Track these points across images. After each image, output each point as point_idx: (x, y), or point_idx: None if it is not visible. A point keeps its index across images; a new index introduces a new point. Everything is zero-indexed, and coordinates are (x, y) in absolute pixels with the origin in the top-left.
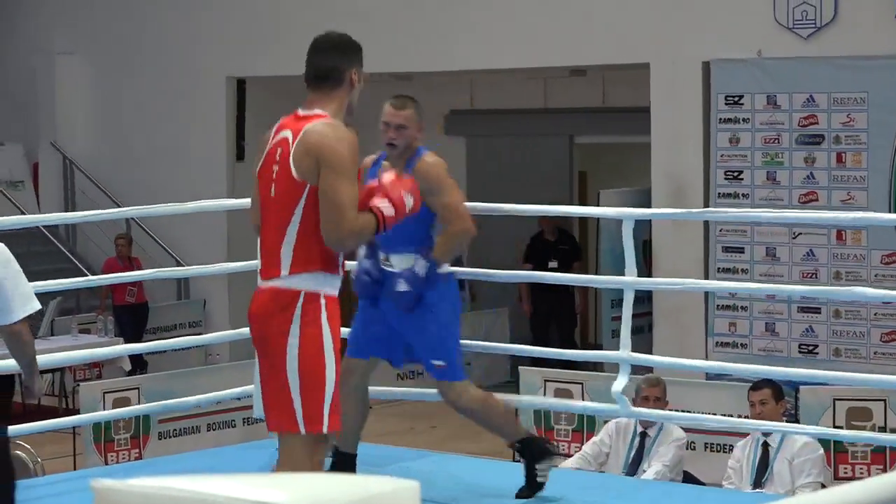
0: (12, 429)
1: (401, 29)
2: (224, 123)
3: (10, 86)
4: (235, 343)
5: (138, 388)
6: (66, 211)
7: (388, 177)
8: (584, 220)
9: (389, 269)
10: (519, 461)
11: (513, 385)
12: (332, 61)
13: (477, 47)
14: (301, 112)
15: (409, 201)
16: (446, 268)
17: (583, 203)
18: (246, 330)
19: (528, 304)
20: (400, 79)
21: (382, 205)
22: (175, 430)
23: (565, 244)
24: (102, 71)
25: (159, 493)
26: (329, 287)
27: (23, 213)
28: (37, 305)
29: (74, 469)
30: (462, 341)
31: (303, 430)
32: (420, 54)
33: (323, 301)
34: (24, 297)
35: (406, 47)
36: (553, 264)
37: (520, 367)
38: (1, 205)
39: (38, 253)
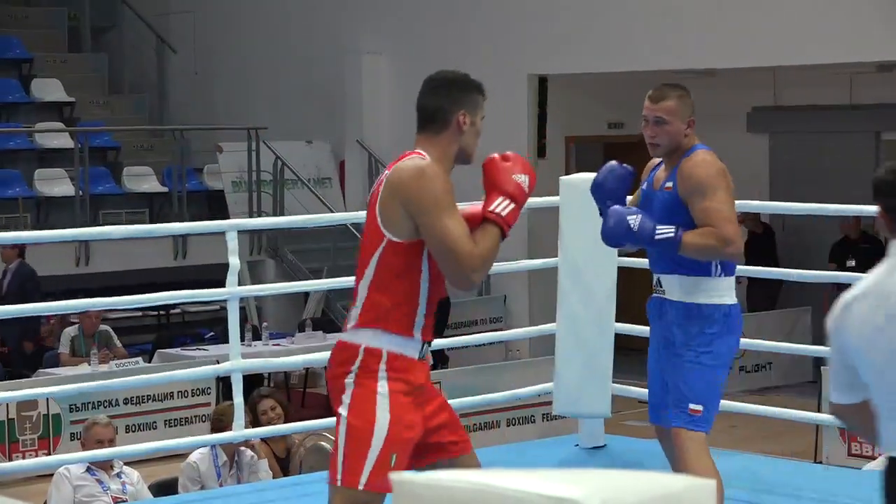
0: (319, 422)
1: (704, 25)
2: (526, 121)
3: (319, 85)
4: (535, 339)
5: (439, 383)
6: None
7: (493, 161)
8: None
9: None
10: None
11: (815, 385)
12: (437, 101)
13: (781, 43)
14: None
15: (524, 179)
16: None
17: None
18: (547, 326)
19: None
20: (703, 75)
21: (499, 206)
22: (475, 424)
23: (867, 243)
24: (407, 70)
25: (455, 486)
26: (394, 347)
27: (330, 210)
28: None
29: None
30: (764, 342)
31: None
32: (723, 50)
33: (384, 358)
34: None
35: (709, 43)
36: (851, 263)
37: (821, 368)
38: (309, 201)
39: (344, 249)
